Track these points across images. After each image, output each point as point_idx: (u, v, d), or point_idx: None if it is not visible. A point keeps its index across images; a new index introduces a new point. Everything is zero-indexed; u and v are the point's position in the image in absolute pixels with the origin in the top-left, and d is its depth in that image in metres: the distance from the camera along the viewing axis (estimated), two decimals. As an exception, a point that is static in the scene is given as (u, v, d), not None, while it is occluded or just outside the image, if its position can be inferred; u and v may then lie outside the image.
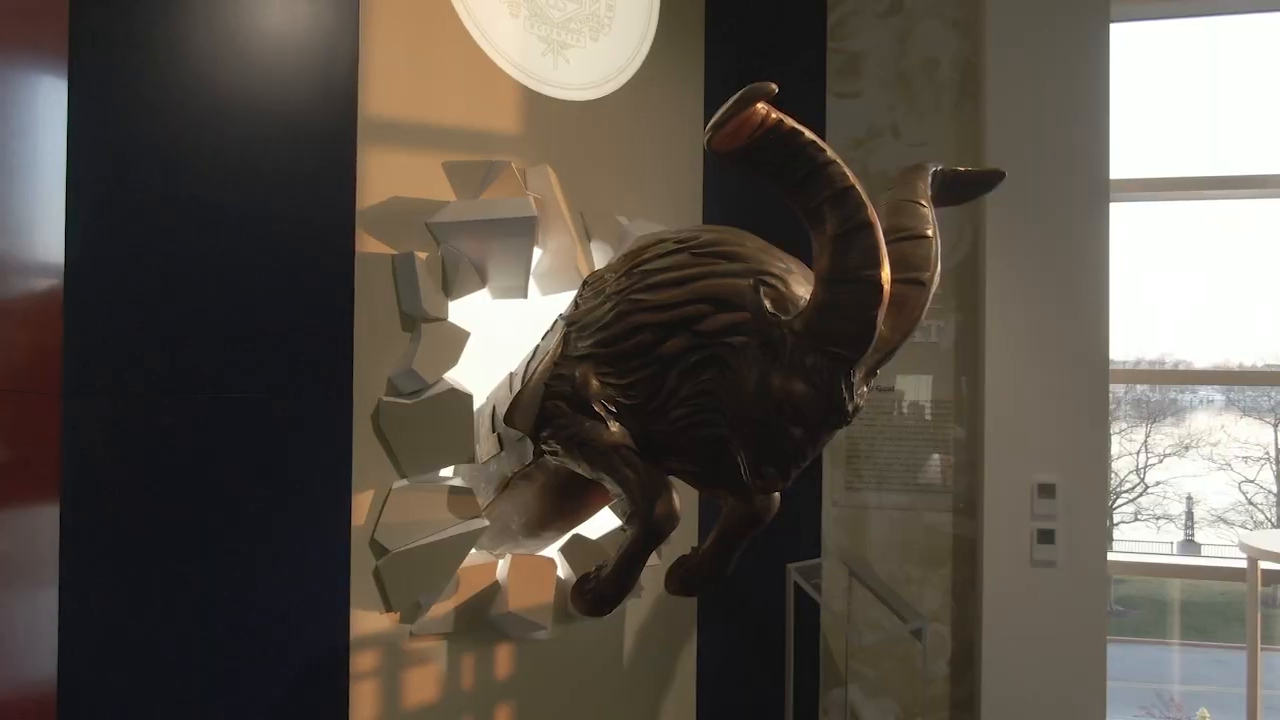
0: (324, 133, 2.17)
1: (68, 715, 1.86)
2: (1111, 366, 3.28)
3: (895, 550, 3.46)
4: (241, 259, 2.05)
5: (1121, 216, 3.80)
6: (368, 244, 2.24)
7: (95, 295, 1.88)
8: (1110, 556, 3.39)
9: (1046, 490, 3.18)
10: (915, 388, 3.48)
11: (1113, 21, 3.25)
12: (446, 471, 2.37)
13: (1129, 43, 3.55)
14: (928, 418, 3.44)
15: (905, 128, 3.49)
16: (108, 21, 1.90)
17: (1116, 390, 6.37)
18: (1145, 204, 3.77)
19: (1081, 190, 3.22)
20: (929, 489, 3.42)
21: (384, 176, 2.27)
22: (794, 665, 3.14)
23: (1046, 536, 3.17)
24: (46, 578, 1.87)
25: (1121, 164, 3.40)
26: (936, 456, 3.41)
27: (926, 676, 3.40)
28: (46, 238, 1.92)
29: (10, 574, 2.13)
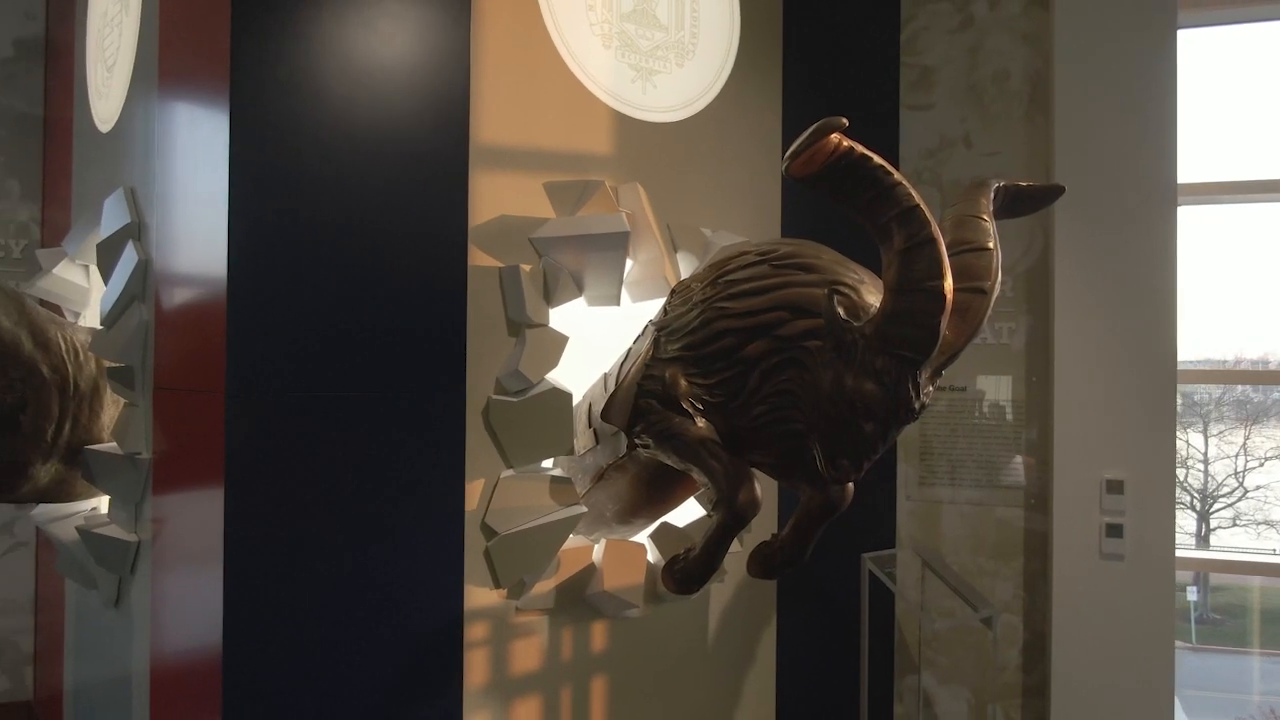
0: (441, 160, 2.41)
1: (231, 673, 2.13)
2: (1209, 366, 3.33)
3: (967, 543, 3.58)
4: (373, 273, 2.30)
5: (1225, 217, 3.85)
6: (478, 258, 2.46)
7: (253, 305, 2.15)
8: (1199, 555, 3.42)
9: (1115, 486, 3.27)
10: (987, 387, 3.59)
11: (1180, 28, 3.32)
12: (548, 463, 2.58)
13: (1198, 47, 3.60)
14: (1001, 417, 3.55)
15: (976, 138, 3.60)
16: (263, 65, 2.17)
17: (1214, 391, 6.26)
18: (1257, 206, 3.78)
19: (1149, 195, 3.29)
20: (1000, 484, 3.54)
21: (492, 197, 2.49)
22: (869, 651, 3.26)
23: (1115, 531, 3.26)
24: (214, 555, 2.15)
25: (1195, 167, 3.46)
26: (1019, 458, 3.52)
27: (998, 664, 3.51)
28: (211, 254, 2.20)
29: (184, 552, 2.43)
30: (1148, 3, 3.31)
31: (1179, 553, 3.29)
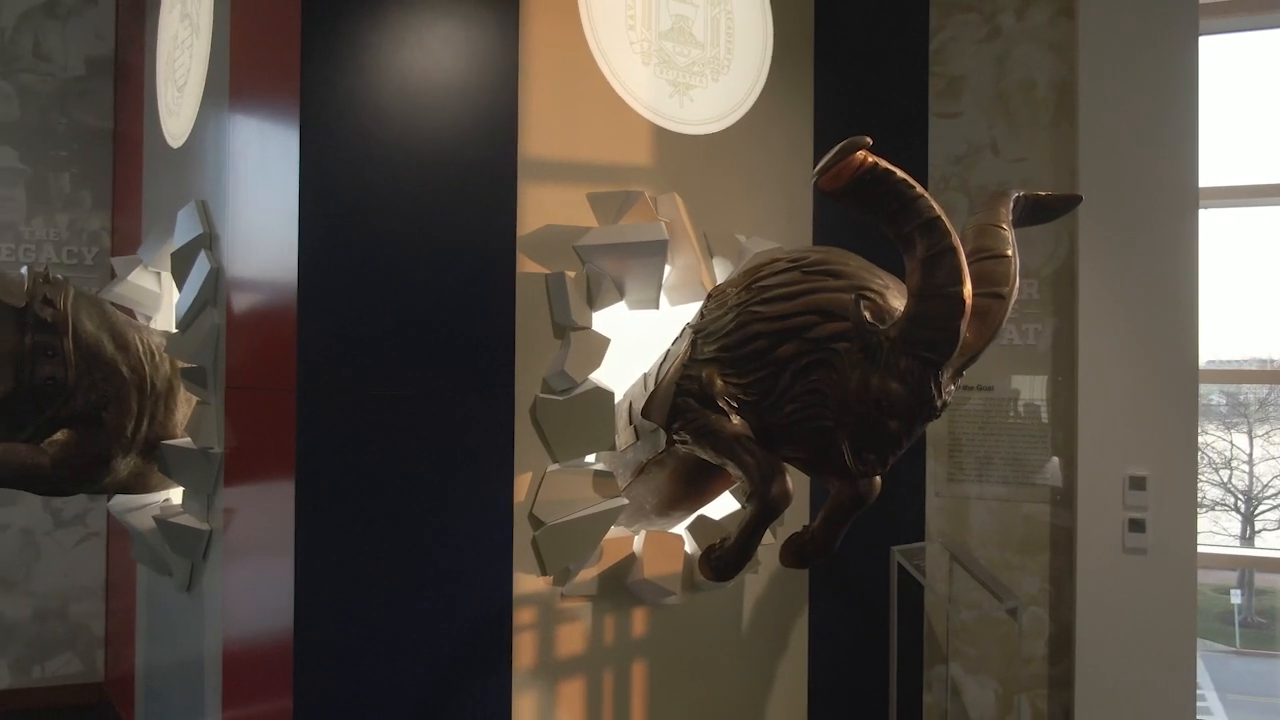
0: (491, 173, 2.56)
1: (302, 654, 2.29)
2: (1255, 366, 3.37)
3: (994, 537, 3.67)
4: (430, 280, 2.45)
5: (1254, 220, 3.88)
6: (526, 265, 2.60)
7: (322, 310, 2.31)
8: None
9: (1138, 482, 3.35)
10: (1015, 387, 3.68)
11: (1201, 35, 3.39)
12: (591, 458, 2.71)
13: (1219, 53, 3.66)
14: (1028, 415, 3.64)
15: (1003, 145, 3.69)
16: (329, 86, 2.34)
17: (1259, 391, 6.27)
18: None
19: (1171, 199, 3.36)
20: (1026, 481, 3.63)
21: (539, 208, 2.64)
22: (898, 641, 3.33)
23: (1138, 526, 3.34)
24: (285, 543, 2.31)
25: (1217, 171, 3.53)
26: (1052, 457, 3.60)
27: (1024, 656, 3.60)
28: (282, 262, 2.37)
29: (255, 540, 2.60)
30: (1170, 12, 3.39)
31: (1203, 549, 3.36)
